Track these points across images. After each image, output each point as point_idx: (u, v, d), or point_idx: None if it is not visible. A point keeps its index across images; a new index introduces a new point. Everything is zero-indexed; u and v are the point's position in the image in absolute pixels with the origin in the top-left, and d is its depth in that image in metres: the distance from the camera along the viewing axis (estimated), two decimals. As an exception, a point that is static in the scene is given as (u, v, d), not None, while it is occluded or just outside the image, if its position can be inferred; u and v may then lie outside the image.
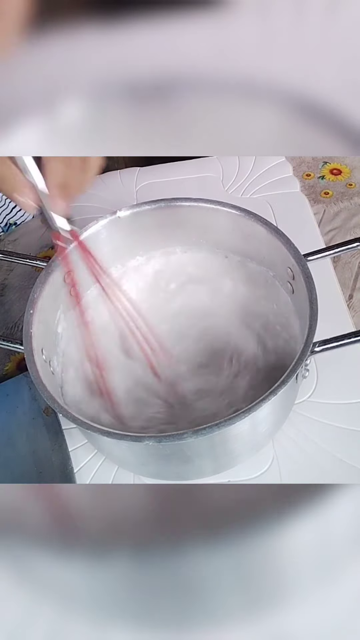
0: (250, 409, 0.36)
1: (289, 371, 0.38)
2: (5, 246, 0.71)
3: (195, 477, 0.46)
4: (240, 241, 0.51)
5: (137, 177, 0.72)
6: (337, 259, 0.64)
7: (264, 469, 0.46)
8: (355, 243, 0.46)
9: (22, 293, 0.64)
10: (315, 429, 0.48)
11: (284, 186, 0.68)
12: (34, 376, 0.40)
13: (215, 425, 0.36)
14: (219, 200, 0.49)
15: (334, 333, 0.40)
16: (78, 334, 0.48)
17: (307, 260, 0.44)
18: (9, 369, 0.58)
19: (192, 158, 0.74)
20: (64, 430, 0.50)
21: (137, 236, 0.53)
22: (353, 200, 0.71)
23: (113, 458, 0.47)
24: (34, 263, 0.49)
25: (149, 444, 0.36)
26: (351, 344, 0.40)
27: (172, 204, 0.50)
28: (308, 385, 0.50)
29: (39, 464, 0.48)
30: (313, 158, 0.77)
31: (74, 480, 0.47)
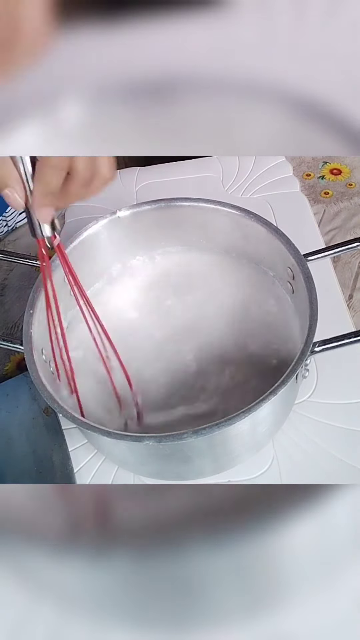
0: (250, 409, 0.36)
1: (289, 371, 0.38)
2: (5, 246, 0.71)
3: (195, 477, 0.46)
4: (240, 241, 0.51)
5: (137, 177, 0.72)
6: (337, 259, 0.64)
7: (264, 469, 0.46)
8: (355, 243, 0.46)
9: (22, 293, 0.64)
10: (315, 429, 0.48)
11: (284, 186, 0.68)
12: (34, 376, 0.40)
13: (215, 425, 0.36)
14: (219, 200, 0.49)
15: (334, 333, 0.40)
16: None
17: (307, 260, 0.44)
18: (9, 369, 0.58)
19: (192, 158, 0.74)
20: (64, 430, 0.50)
21: (137, 236, 0.53)
22: (353, 200, 0.71)
23: (113, 458, 0.47)
24: (34, 263, 0.49)
25: (149, 444, 0.36)
26: (351, 344, 0.40)
27: (172, 203, 0.50)
28: (308, 385, 0.50)
29: (39, 464, 0.48)
30: (313, 158, 0.77)
31: (74, 480, 0.47)
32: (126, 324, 0.51)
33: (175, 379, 0.48)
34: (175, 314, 0.52)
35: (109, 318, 0.49)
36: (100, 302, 0.52)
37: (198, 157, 0.74)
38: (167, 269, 0.55)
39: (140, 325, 0.51)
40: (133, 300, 0.53)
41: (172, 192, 0.51)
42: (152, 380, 0.48)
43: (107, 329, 0.46)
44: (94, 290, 0.53)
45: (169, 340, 0.50)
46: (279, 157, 0.72)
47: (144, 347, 0.50)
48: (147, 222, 0.51)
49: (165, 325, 0.51)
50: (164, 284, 0.54)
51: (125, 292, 0.54)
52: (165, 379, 0.48)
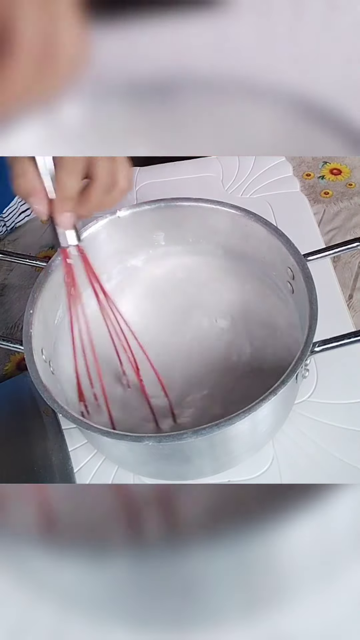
0: (250, 409, 0.36)
1: (289, 371, 0.38)
2: (5, 246, 0.71)
3: (195, 477, 0.46)
4: (240, 241, 0.51)
5: (137, 177, 0.72)
6: (337, 259, 0.64)
7: (264, 469, 0.46)
8: (355, 243, 0.46)
9: (22, 293, 0.64)
10: (315, 429, 0.48)
11: (284, 186, 0.68)
12: (34, 376, 0.40)
13: (215, 425, 0.36)
14: (219, 200, 0.49)
15: (334, 333, 0.40)
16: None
17: (307, 260, 0.44)
18: (9, 369, 0.58)
19: (192, 158, 0.74)
20: (64, 430, 0.50)
21: (137, 236, 0.53)
22: (353, 200, 0.71)
23: (113, 458, 0.47)
24: (34, 263, 0.49)
25: (149, 444, 0.36)
26: (351, 343, 0.40)
27: (172, 204, 0.50)
28: (308, 385, 0.50)
29: (39, 464, 0.48)
30: (313, 158, 0.77)
31: (74, 480, 0.47)
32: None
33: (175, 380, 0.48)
34: (175, 314, 0.52)
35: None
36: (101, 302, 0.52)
37: (198, 157, 0.74)
38: (167, 269, 0.54)
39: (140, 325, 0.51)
40: (133, 300, 0.53)
41: (172, 192, 0.51)
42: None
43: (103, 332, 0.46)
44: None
45: (169, 340, 0.50)
46: (279, 157, 0.72)
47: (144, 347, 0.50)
48: (147, 222, 0.51)
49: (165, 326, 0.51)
50: (164, 284, 0.54)
51: (125, 292, 0.54)
52: (165, 379, 0.48)
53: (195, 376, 0.48)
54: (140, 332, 0.51)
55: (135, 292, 0.54)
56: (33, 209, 0.37)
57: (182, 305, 0.52)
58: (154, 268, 0.55)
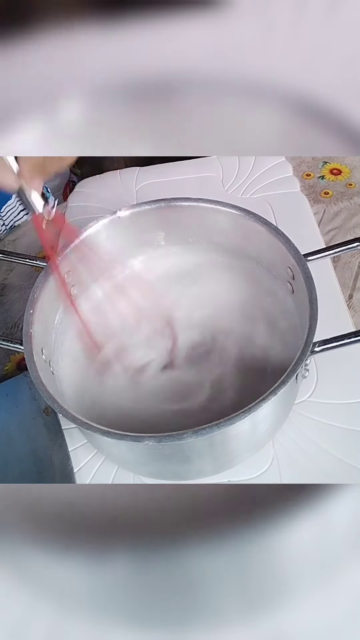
0: (250, 408, 0.36)
1: (289, 371, 0.38)
2: (5, 246, 0.71)
3: (195, 477, 0.46)
4: (240, 241, 0.51)
5: (137, 177, 0.72)
6: (337, 259, 0.64)
7: (264, 469, 0.46)
8: (355, 243, 0.46)
9: (22, 293, 0.64)
10: (315, 429, 0.48)
11: (284, 186, 0.68)
12: (34, 376, 0.40)
13: (215, 425, 0.36)
14: (219, 200, 0.49)
15: (334, 333, 0.40)
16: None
17: (307, 260, 0.44)
18: (9, 368, 0.58)
19: (192, 158, 0.74)
20: (64, 430, 0.50)
21: (137, 236, 0.53)
22: (353, 200, 0.71)
23: (113, 458, 0.47)
24: (34, 263, 0.49)
25: (148, 444, 0.36)
26: (351, 343, 0.40)
27: (172, 203, 0.50)
28: (308, 385, 0.50)
29: (39, 464, 0.48)
30: (313, 158, 0.77)
31: (74, 480, 0.47)
32: (126, 324, 0.51)
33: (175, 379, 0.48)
34: (175, 314, 0.52)
35: (109, 317, 0.49)
36: (100, 302, 0.52)
37: (198, 157, 0.74)
38: (167, 269, 0.54)
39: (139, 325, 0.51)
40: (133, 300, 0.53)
41: (172, 192, 0.51)
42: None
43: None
44: (93, 290, 0.53)
45: (169, 340, 0.50)
46: (279, 157, 0.72)
47: (144, 347, 0.50)
48: (147, 222, 0.51)
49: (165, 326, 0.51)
50: (164, 284, 0.54)
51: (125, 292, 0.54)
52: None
53: (196, 375, 0.48)
54: (138, 331, 0.51)
55: (135, 292, 0.54)
56: (1, 184, 0.39)
57: (181, 306, 0.52)
58: (154, 268, 0.55)
